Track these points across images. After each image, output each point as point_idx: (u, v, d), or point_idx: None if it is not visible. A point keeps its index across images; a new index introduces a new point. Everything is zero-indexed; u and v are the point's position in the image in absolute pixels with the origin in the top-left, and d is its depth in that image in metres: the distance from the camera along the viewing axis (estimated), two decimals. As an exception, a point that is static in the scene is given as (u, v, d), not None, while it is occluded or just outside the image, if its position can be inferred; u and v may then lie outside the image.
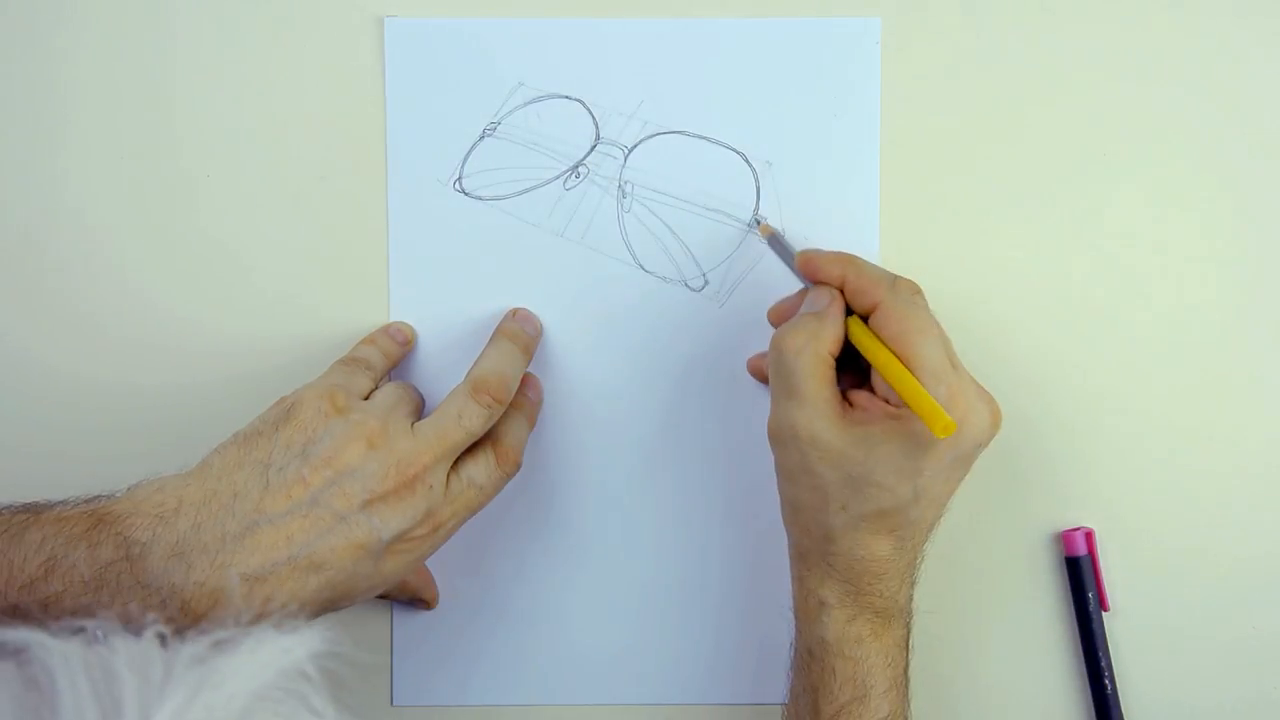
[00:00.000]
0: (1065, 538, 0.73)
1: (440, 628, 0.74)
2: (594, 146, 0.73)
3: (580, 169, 0.73)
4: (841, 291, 0.66)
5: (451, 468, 0.65)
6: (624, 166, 0.73)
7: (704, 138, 0.73)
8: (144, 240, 0.73)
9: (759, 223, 0.72)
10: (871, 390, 0.65)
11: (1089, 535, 0.73)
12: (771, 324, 0.70)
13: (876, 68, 0.72)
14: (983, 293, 0.73)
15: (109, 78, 0.73)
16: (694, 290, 0.73)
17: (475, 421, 0.65)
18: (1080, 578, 0.73)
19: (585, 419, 0.74)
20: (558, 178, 0.73)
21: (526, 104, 0.73)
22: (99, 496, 0.61)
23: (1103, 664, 0.73)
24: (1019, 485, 0.73)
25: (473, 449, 0.66)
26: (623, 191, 0.73)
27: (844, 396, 0.65)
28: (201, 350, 0.74)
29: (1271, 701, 0.74)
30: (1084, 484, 0.74)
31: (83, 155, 0.73)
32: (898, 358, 0.63)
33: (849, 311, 0.66)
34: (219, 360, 0.73)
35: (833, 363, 0.64)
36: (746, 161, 0.73)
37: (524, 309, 0.73)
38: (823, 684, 0.66)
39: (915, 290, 0.65)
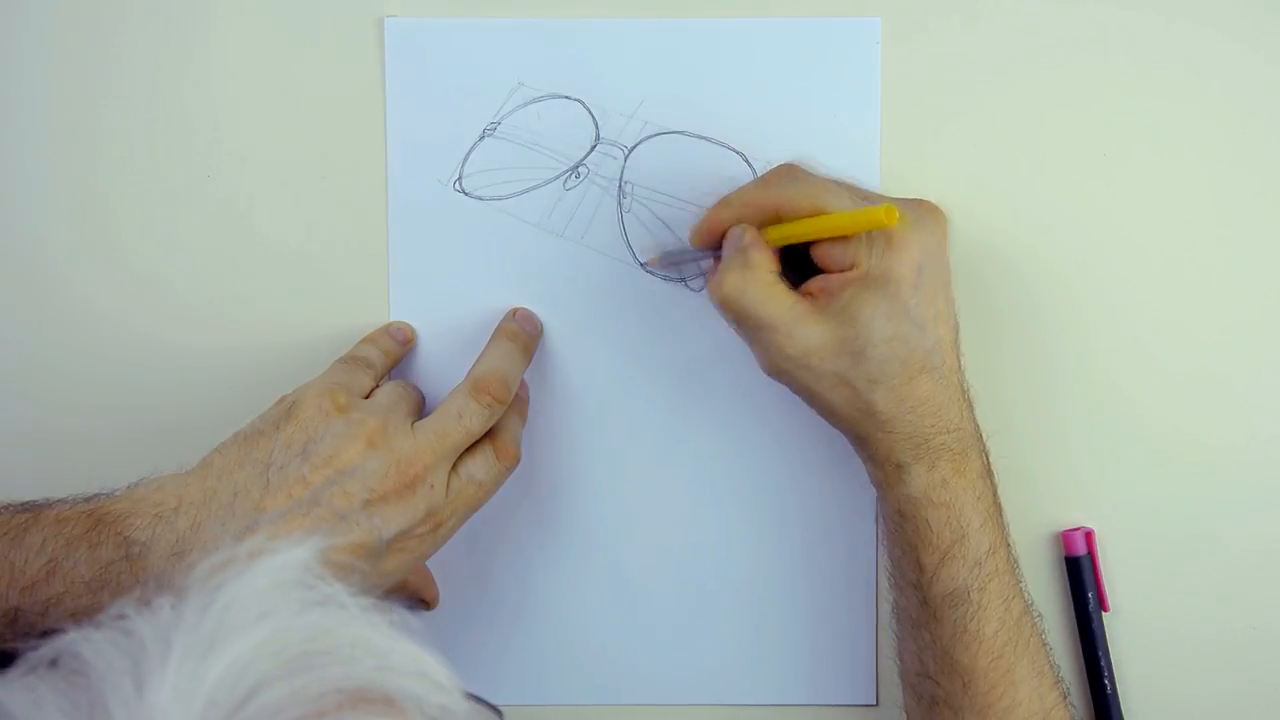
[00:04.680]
0: (1065, 538, 0.73)
1: (440, 628, 0.74)
2: (594, 146, 0.73)
3: (580, 169, 0.73)
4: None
5: (451, 467, 0.65)
6: (624, 166, 0.73)
7: (704, 138, 0.73)
8: (144, 240, 0.73)
9: (643, 263, 0.73)
10: (819, 270, 0.66)
11: (1089, 535, 0.73)
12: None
13: (876, 68, 0.72)
14: (982, 291, 0.73)
15: (109, 78, 0.73)
16: (694, 290, 0.73)
17: (476, 421, 0.65)
18: (1080, 578, 0.73)
19: (585, 419, 0.73)
20: (558, 178, 0.73)
21: (526, 104, 0.73)
22: (98, 495, 0.61)
23: (1103, 664, 0.73)
24: (1019, 485, 0.73)
25: (471, 446, 0.66)
26: (623, 191, 0.73)
27: (802, 296, 0.66)
28: (201, 350, 0.73)
29: (1271, 701, 0.74)
30: (1084, 484, 0.74)
31: (83, 156, 0.73)
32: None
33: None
34: (219, 360, 0.73)
35: (778, 280, 0.65)
36: (746, 162, 0.73)
37: (524, 309, 0.73)
38: (920, 538, 0.66)
39: (793, 168, 0.67)
